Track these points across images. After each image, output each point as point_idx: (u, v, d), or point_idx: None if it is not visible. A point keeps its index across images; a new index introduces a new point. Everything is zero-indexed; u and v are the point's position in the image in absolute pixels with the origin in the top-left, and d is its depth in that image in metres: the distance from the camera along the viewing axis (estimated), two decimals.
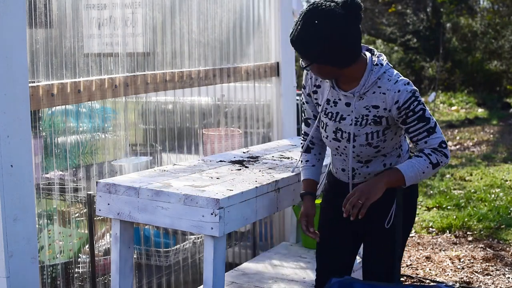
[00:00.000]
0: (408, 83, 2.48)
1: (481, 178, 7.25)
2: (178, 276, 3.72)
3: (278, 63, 4.54)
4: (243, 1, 4.24)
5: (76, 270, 3.22)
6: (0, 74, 2.53)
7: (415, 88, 2.49)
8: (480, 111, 13.81)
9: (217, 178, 2.92)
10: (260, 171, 3.13)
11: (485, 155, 8.89)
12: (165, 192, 2.63)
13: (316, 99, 2.69)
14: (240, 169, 3.16)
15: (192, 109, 3.94)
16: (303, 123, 2.87)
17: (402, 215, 2.58)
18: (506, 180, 7.12)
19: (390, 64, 2.54)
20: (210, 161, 3.36)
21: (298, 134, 5.13)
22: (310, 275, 3.77)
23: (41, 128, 3.11)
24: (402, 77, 2.51)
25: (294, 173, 3.03)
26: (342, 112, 2.57)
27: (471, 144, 9.93)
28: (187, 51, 3.78)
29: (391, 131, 2.56)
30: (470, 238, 5.20)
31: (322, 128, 2.68)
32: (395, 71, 2.52)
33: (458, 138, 10.47)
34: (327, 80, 2.60)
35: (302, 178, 2.84)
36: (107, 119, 3.46)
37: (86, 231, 3.26)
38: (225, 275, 2.84)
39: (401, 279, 4.35)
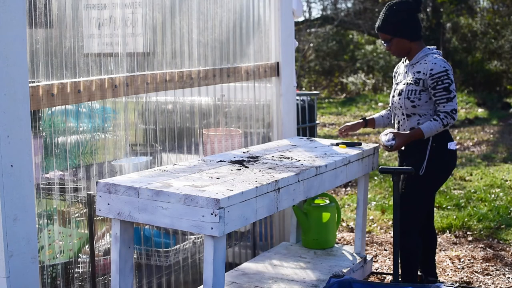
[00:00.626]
0: (445, 62, 3.58)
1: (481, 178, 7.25)
2: (178, 276, 3.72)
3: (278, 63, 4.54)
4: (243, 1, 4.24)
5: (76, 270, 3.22)
6: (0, 74, 2.53)
7: (450, 67, 3.57)
8: (480, 111, 13.81)
9: (217, 178, 2.92)
10: (260, 171, 3.13)
11: (485, 155, 8.89)
12: (165, 192, 2.63)
13: (395, 73, 3.94)
14: (240, 169, 3.16)
15: (192, 109, 3.94)
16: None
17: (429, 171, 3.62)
18: (506, 180, 7.12)
19: (441, 55, 3.68)
20: (210, 161, 3.36)
21: (298, 134, 5.14)
22: (310, 275, 3.77)
23: (41, 128, 3.11)
24: (443, 59, 3.60)
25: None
26: (401, 78, 3.77)
27: (471, 144, 9.93)
28: (187, 51, 3.78)
29: (426, 95, 3.61)
30: (470, 238, 5.20)
31: (392, 93, 3.86)
32: (442, 57, 3.63)
33: (458, 138, 10.47)
34: (403, 61, 3.82)
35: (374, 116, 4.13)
36: (107, 119, 3.46)
37: (86, 231, 3.26)
38: (225, 275, 2.84)
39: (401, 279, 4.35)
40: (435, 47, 3.73)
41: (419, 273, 3.99)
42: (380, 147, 4.31)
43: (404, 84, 3.68)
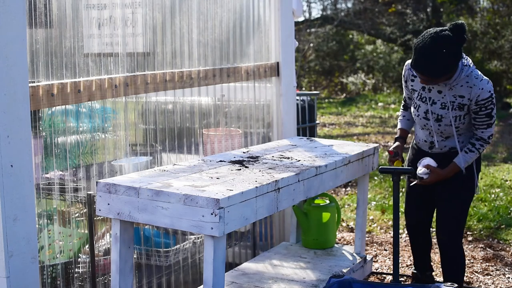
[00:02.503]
0: (488, 82, 3.30)
1: (481, 178, 7.25)
2: (178, 276, 3.72)
3: (278, 63, 4.54)
4: (243, 1, 4.24)
5: (76, 270, 3.22)
6: (0, 74, 2.53)
7: (493, 88, 3.28)
8: None
9: (217, 178, 2.92)
10: (260, 171, 3.13)
11: (485, 155, 8.90)
12: (165, 192, 2.63)
13: (412, 86, 3.54)
14: (240, 169, 3.16)
15: (192, 109, 3.94)
16: (403, 100, 3.82)
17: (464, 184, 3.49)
18: (506, 180, 7.12)
19: (474, 65, 3.34)
20: (210, 161, 3.36)
21: (298, 134, 5.14)
22: (310, 275, 3.78)
23: (41, 128, 3.11)
24: (484, 77, 3.31)
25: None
26: (434, 97, 3.41)
27: None
28: (187, 51, 3.78)
29: (469, 117, 3.39)
30: (470, 238, 5.20)
31: (415, 108, 3.52)
32: (479, 72, 3.33)
33: None
34: None
35: (398, 127, 3.82)
36: (107, 119, 3.46)
37: (86, 231, 3.26)
38: (225, 275, 2.84)
39: (401, 279, 4.35)
40: (466, 57, 3.33)
41: (413, 271, 3.99)
42: (380, 147, 4.31)
43: (443, 108, 3.40)
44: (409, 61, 3.49)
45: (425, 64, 3.20)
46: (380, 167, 3.60)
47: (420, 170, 3.48)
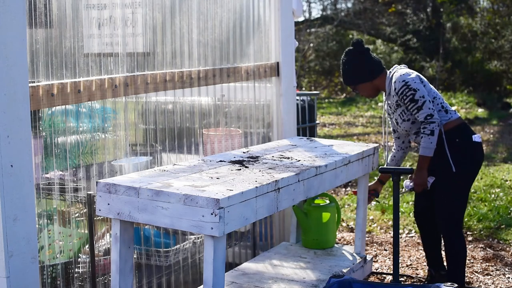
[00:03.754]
0: (404, 74, 3.72)
1: (481, 178, 7.25)
2: (178, 276, 3.72)
3: (278, 63, 4.54)
4: (243, 1, 4.24)
5: (76, 270, 3.22)
6: (0, 74, 2.53)
7: (410, 78, 3.68)
8: (480, 111, 13.81)
9: (217, 178, 2.92)
10: (260, 171, 3.13)
11: (485, 155, 8.89)
12: (165, 192, 2.63)
13: (388, 115, 4.05)
14: (240, 169, 3.16)
15: (192, 109, 3.94)
16: None
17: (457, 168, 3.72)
18: (506, 180, 7.12)
19: (405, 67, 3.87)
20: (210, 161, 3.36)
21: (298, 134, 5.13)
22: (310, 275, 3.78)
23: (41, 128, 3.11)
24: (404, 72, 3.74)
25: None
26: (392, 111, 3.92)
27: None
28: (187, 51, 3.78)
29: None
30: (470, 238, 5.20)
31: (392, 127, 4.04)
32: (404, 70, 3.78)
33: None
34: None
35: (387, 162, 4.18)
36: (107, 119, 3.46)
37: (86, 231, 3.26)
38: (225, 275, 2.84)
39: (401, 279, 4.35)
40: (397, 66, 3.89)
41: (429, 268, 4.06)
42: (380, 147, 4.33)
43: (394, 113, 3.86)
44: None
45: (342, 74, 3.92)
46: (380, 167, 3.61)
47: (405, 185, 3.86)
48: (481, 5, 18.22)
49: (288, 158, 3.52)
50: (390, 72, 3.85)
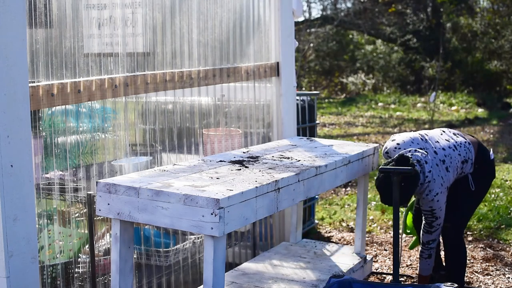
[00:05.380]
0: (432, 200, 3.62)
1: None
2: (178, 276, 3.72)
3: (278, 63, 4.54)
4: (243, 1, 4.24)
5: (76, 270, 3.22)
6: (0, 74, 2.53)
7: (436, 205, 3.61)
8: (480, 111, 13.81)
9: (217, 178, 2.92)
10: (260, 171, 3.13)
11: None
12: (165, 192, 2.63)
13: None
14: (240, 169, 3.16)
15: (192, 109, 3.94)
16: None
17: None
18: (506, 180, 7.12)
19: (431, 170, 3.58)
20: (210, 161, 3.36)
21: (298, 134, 5.13)
22: (310, 275, 3.78)
23: (41, 128, 3.11)
24: (433, 192, 3.59)
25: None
26: None
27: None
28: (187, 51, 3.78)
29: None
30: (470, 238, 5.20)
31: None
32: (430, 185, 3.58)
33: None
34: None
35: None
36: (107, 119, 3.46)
37: (86, 231, 3.26)
38: (225, 275, 2.84)
39: (401, 279, 4.35)
40: (419, 166, 3.57)
41: None
42: (380, 147, 4.32)
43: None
44: None
45: (388, 198, 3.58)
46: (380, 167, 3.58)
47: None
48: (481, 5, 18.22)
49: (288, 158, 3.52)
50: (420, 177, 3.57)
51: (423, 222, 3.75)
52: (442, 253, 4.34)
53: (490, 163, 3.85)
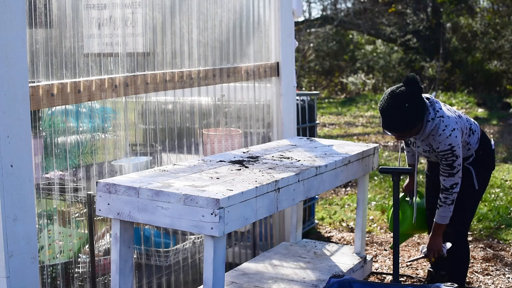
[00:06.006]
0: (450, 136, 3.44)
1: None
2: (178, 276, 3.72)
3: (278, 63, 4.54)
4: (243, 1, 4.24)
5: (76, 270, 3.22)
6: (0, 74, 2.53)
7: (455, 141, 3.45)
8: (480, 111, 13.81)
9: (217, 178, 2.92)
10: (260, 171, 3.13)
11: None
12: (165, 192, 2.63)
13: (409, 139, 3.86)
14: (240, 169, 3.16)
15: (192, 109, 3.94)
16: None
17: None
18: (506, 180, 7.12)
19: (442, 109, 3.50)
20: (210, 161, 3.36)
21: (298, 134, 5.13)
22: (310, 275, 3.78)
23: (41, 128, 3.11)
24: (449, 127, 3.45)
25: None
26: (418, 143, 3.69)
27: None
28: (187, 51, 3.78)
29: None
30: (470, 238, 5.20)
31: (414, 147, 3.81)
32: (448, 121, 3.46)
33: None
34: None
35: (407, 162, 4.05)
36: (107, 119, 3.46)
37: (86, 231, 3.26)
38: (225, 275, 2.84)
39: (401, 279, 4.35)
40: (434, 107, 3.50)
41: (429, 268, 4.05)
42: (380, 147, 4.32)
43: (424, 152, 3.68)
44: None
45: (391, 123, 3.43)
46: (380, 167, 3.60)
47: (421, 249, 3.77)
48: (481, 5, 18.22)
49: (288, 158, 3.52)
50: (428, 118, 3.48)
51: (442, 168, 3.52)
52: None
53: (492, 153, 3.76)
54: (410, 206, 3.94)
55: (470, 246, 5.00)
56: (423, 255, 3.72)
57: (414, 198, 3.90)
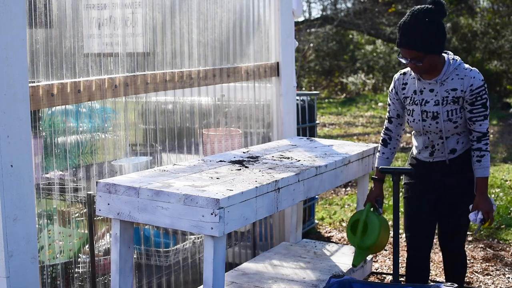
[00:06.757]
0: (479, 72, 3.19)
1: None
2: (178, 276, 3.72)
3: (278, 63, 4.54)
4: (243, 1, 4.24)
5: (76, 270, 3.22)
6: (0, 74, 2.53)
7: (483, 78, 3.18)
8: None
9: (217, 178, 2.92)
10: (260, 171, 3.13)
11: None
12: (165, 192, 2.63)
13: (404, 93, 3.38)
14: (240, 169, 3.16)
15: (192, 109, 3.94)
16: (386, 120, 3.52)
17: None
18: (506, 180, 7.12)
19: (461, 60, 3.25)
20: (210, 161, 3.36)
21: (298, 134, 5.13)
22: (310, 275, 3.78)
23: (41, 128, 3.11)
24: (474, 68, 3.21)
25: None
26: (426, 97, 3.27)
27: None
28: (187, 51, 3.78)
29: (464, 112, 3.22)
30: (470, 238, 5.20)
31: (409, 115, 3.34)
32: (467, 65, 3.23)
33: None
34: (413, 77, 3.32)
35: (376, 166, 3.54)
36: (107, 119, 3.46)
37: (86, 231, 3.26)
38: (225, 275, 2.84)
39: (401, 279, 4.35)
40: (451, 53, 3.30)
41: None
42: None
43: (437, 104, 3.24)
44: (396, 75, 3.42)
45: (412, 37, 3.12)
46: (381, 167, 3.51)
47: (474, 217, 3.20)
48: (481, 5, 18.22)
49: (288, 158, 3.52)
50: (450, 57, 3.24)
51: (477, 111, 3.16)
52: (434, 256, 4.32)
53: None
54: (378, 217, 3.51)
55: (470, 246, 5.00)
56: (482, 222, 3.18)
57: (380, 208, 3.54)
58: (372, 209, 3.53)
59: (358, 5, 19.49)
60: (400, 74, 3.40)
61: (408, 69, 3.37)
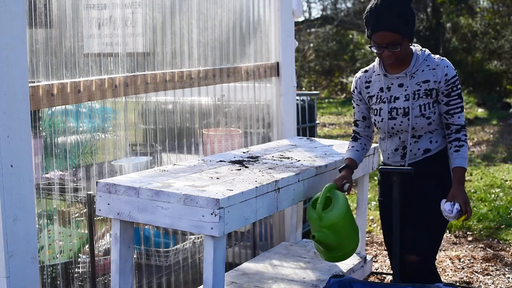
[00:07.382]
0: (449, 62, 3.01)
1: (481, 178, 7.25)
2: (178, 276, 3.72)
3: (278, 63, 4.54)
4: (243, 1, 4.24)
5: (76, 270, 3.22)
6: (0, 74, 2.53)
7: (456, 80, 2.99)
8: (480, 111, 13.81)
9: (217, 178, 2.92)
10: (260, 171, 3.13)
11: (485, 155, 8.89)
12: (165, 192, 2.63)
13: (368, 92, 3.15)
14: (240, 169, 3.16)
15: (192, 109, 3.94)
16: (353, 125, 3.36)
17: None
18: (506, 180, 7.11)
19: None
20: (210, 161, 3.36)
21: (298, 134, 5.13)
22: (310, 275, 3.78)
23: (41, 128, 3.11)
24: (445, 58, 3.02)
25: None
26: (395, 93, 3.04)
27: (471, 144, 9.93)
28: (187, 51, 3.78)
29: (438, 106, 3.01)
30: (470, 238, 5.20)
31: (376, 114, 3.14)
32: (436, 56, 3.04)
33: None
34: (378, 73, 3.10)
35: (345, 157, 3.31)
36: (107, 119, 3.46)
37: (86, 231, 3.26)
38: (225, 275, 2.84)
39: None
40: (418, 44, 3.11)
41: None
42: (378, 152, 4.22)
43: (407, 100, 3.00)
44: (358, 74, 3.22)
45: (387, 17, 2.87)
46: (380, 167, 3.49)
47: (448, 207, 2.90)
48: (481, 5, 18.23)
49: (288, 158, 3.52)
50: (417, 49, 3.05)
51: (454, 103, 2.95)
52: None
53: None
54: (343, 194, 3.13)
55: (470, 246, 5.00)
56: (458, 213, 2.88)
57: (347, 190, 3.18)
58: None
59: (358, 5, 19.49)
60: (362, 72, 3.17)
61: (370, 66, 3.17)
